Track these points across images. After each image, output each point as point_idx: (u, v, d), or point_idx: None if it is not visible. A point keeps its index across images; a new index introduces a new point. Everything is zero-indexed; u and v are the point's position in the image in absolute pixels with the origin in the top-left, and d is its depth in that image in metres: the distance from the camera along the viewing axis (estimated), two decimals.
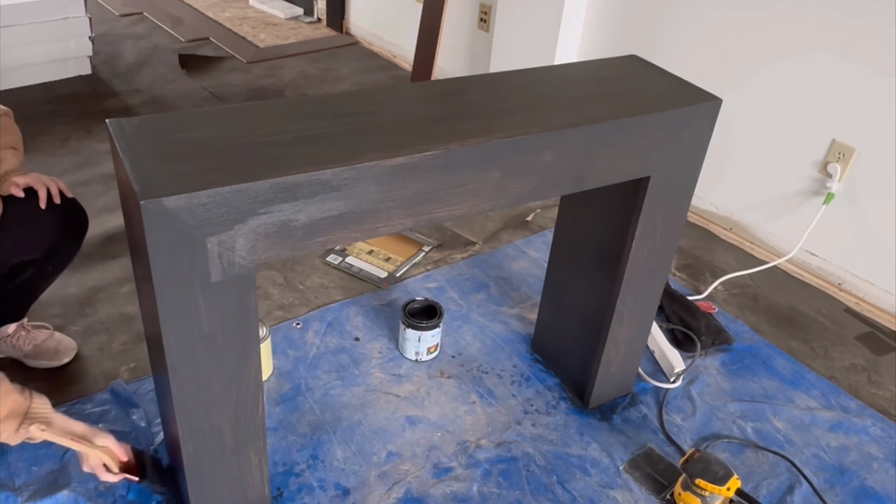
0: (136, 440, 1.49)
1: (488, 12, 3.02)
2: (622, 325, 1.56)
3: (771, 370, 1.85)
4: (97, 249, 2.06)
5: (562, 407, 1.69)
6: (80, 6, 2.98)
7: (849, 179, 2.08)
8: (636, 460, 1.57)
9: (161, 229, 0.93)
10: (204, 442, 1.18)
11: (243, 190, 0.96)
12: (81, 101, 2.94)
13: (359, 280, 2.05)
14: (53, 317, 1.81)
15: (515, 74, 1.37)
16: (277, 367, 1.73)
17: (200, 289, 1.01)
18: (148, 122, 1.07)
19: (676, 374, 1.77)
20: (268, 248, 1.03)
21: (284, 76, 3.37)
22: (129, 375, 1.67)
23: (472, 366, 1.79)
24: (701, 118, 1.34)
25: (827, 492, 1.53)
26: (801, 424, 1.70)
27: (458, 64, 3.28)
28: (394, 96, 1.25)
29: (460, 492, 1.47)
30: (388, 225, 1.12)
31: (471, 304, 1.99)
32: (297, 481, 1.46)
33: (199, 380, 1.10)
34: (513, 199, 1.22)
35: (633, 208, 1.40)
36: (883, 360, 1.94)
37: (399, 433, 1.59)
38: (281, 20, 4.08)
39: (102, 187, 2.36)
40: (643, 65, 1.47)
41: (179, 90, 3.13)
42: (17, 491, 1.38)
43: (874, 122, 1.98)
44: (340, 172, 1.02)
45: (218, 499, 1.28)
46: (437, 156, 1.08)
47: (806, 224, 2.14)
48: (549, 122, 1.19)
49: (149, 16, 3.94)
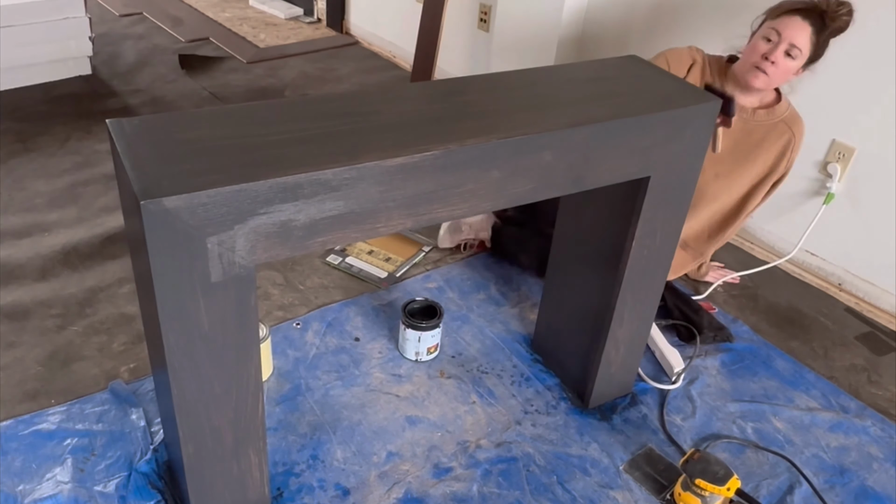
0: (136, 440, 1.49)
1: (488, 12, 3.02)
2: (622, 325, 1.56)
3: (771, 370, 1.85)
4: (97, 249, 2.06)
5: (562, 407, 1.69)
6: (80, 6, 2.97)
7: (849, 179, 2.08)
8: (636, 460, 1.57)
9: (161, 229, 0.93)
10: (204, 442, 1.18)
11: (243, 190, 0.96)
12: (81, 101, 2.94)
13: (359, 280, 2.05)
14: (53, 317, 1.81)
15: (515, 74, 1.37)
16: (277, 367, 1.73)
17: (200, 289, 1.01)
18: (148, 122, 1.07)
19: (677, 374, 1.77)
20: (268, 248, 1.03)
21: (284, 76, 3.37)
22: (129, 375, 1.67)
23: (472, 366, 1.79)
24: (701, 118, 1.34)
25: (827, 492, 1.53)
26: (801, 424, 1.70)
27: (458, 64, 3.28)
28: (394, 96, 1.25)
29: (460, 492, 1.47)
30: (388, 225, 1.12)
31: (471, 304, 1.99)
32: (297, 481, 1.46)
33: (199, 380, 1.10)
34: (513, 199, 1.22)
35: (633, 208, 1.40)
36: (883, 360, 1.94)
37: (399, 433, 1.59)
38: (281, 20, 4.08)
39: (102, 187, 2.36)
40: (643, 65, 1.47)
41: (179, 90, 3.13)
42: (18, 491, 1.38)
43: (874, 122, 1.98)
44: (340, 172, 1.02)
45: (218, 499, 1.28)
46: (437, 156, 1.08)
47: (806, 224, 2.14)
48: (549, 122, 1.19)
49: (149, 16, 3.94)
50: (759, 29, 1.81)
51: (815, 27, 1.73)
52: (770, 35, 1.76)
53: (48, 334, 1.76)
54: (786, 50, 1.74)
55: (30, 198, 2.28)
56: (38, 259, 2.00)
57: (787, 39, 1.73)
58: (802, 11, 1.74)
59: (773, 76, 1.79)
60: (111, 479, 1.42)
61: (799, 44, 1.73)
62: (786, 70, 1.78)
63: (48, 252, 2.03)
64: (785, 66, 1.77)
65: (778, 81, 1.83)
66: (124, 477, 1.42)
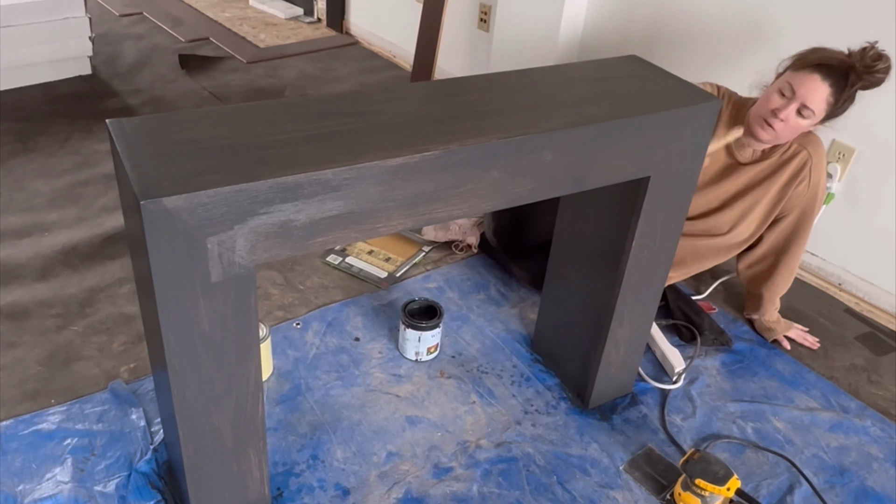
0: (136, 440, 1.49)
1: (488, 12, 3.02)
2: (622, 325, 1.56)
3: (771, 370, 1.85)
4: (97, 249, 2.06)
5: (562, 407, 1.69)
6: (80, 6, 2.97)
7: (849, 179, 2.08)
8: (636, 460, 1.57)
9: (161, 229, 0.93)
10: (204, 442, 1.18)
11: (243, 190, 0.96)
12: (81, 101, 2.94)
13: (359, 280, 2.05)
14: (54, 317, 1.81)
15: (515, 74, 1.37)
16: (277, 367, 1.73)
17: (200, 289, 1.01)
18: (148, 122, 1.07)
19: (678, 374, 1.77)
20: (268, 248, 1.03)
21: (284, 76, 3.37)
22: (129, 375, 1.67)
23: (472, 366, 1.79)
24: (701, 118, 1.34)
25: (827, 492, 1.54)
26: (801, 424, 1.70)
27: (458, 64, 3.28)
28: (394, 96, 1.25)
29: (460, 492, 1.47)
30: (388, 225, 1.12)
31: (471, 304, 1.99)
32: (297, 481, 1.46)
33: (199, 380, 1.10)
34: (513, 199, 1.22)
35: (633, 208, 1.40)
36: (883, 360, 1.94)
37: (399, 433, 1.59)
38: (281, 20, 4.08)
39: (102, 187, 2.36)
40: (643, 65, 1.47)
41: (179, 90, 3.13)
42: (18, 491, 1.38)
43: (874, 123, 1.98)
44: (340, 172, 1.02)
45: (218, 499, 1.28)
46: (437, 156, 1.08)
47: None
48: (549, 122, 1.19)
49: (149, 16, 3.94)
50: (778, 78, 1.69)
51: (836, 87, 1.60)
52: (784, 89, 1.64)
53: (48, 334, 1.76)
54: (797, 109, 1.63)
55: (30, 198, 2.28)
56: (38, 259, 2.00)
57: (800, 99, 1.62)
58: (826, 69, 1.60)
59: (781, 133, 1.67)
60: (111, 479, 1.42)
61: (812, 105, 1.61)
62: (795, 127, 1.67)
63: (48, 252, 2.03)
64: (795, 124, 1.65)
65: (786, 138, 1.71)
66: (124, 477, 1.42)
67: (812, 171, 1.76)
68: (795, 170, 1.77)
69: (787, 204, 1.81)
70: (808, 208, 1.81)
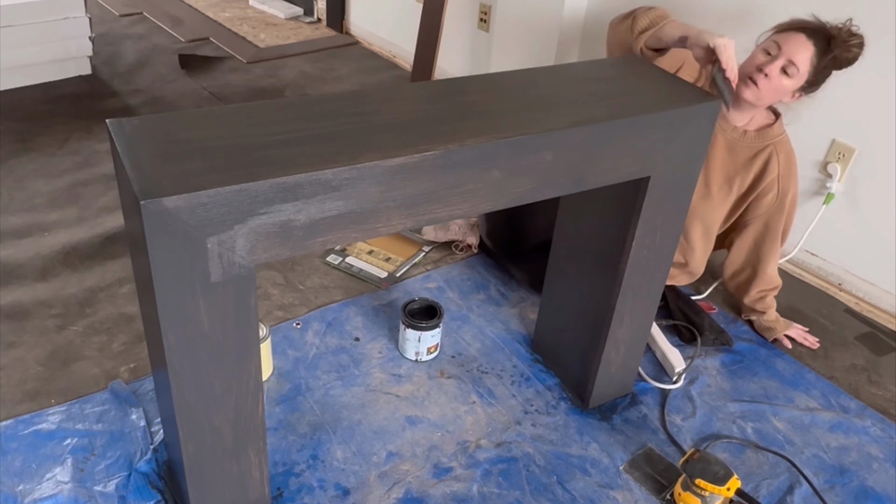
0: (136, 440, 1.49)
1: (488, 12, 3.02)
2: (622, 325, 1.56)
3: (771, 370, 1.85)
4: (97, 249, 2.06)
5: (562, 407, 1.69)
6: (80, 6, 2.98)
7: (849, 179, 2.08)
8: (636, 460, 1.57)
9: (161, 229, 0.93)
10: (204, 442, 1.18)
11: (243, 190, 0.96)
12: (81, 101, 2.94)
13: (359, 280, 2.05)
14: (54, 317, 1.81)
15: (515, 74, 1.37)
16: (277, 367, 1.73)
17: (200, 289, 1.01)
18: (148, 122, 1.07)
19: (678, 374, 1.77)
20: (268, 248, 1.03)
21: (284, 76, 3.37)
22: (129, 375, 1.67)
23: (472, 366, 1.79)
24: (701, 118, 1.34)
25: (827, 492, 1.54)
26: (801, 424, 1.70)
27: (458, 64, 3.28)
28: (394, 96, 1.25)
29: (460, 492, 1.47)
30: (388, 225, 1.12)
31: (471, 304, 1.99)
32: (297, 481, 1.46)
33: (199, 380, 1.10)
34: (513, 199, 1.22)
35: (633, 208, 1.40)
36: (883, 360, 1.94)
37: (399, 433, 1.59)
38: (281, 20, 4.08)
39: (102, 187, 2.36)
40: (643, 65, 1.47)
41: (179, 90, 3.13)
42: (18, 491, 1.38)
43: (874, 122, 1.98)
44: (340, 172, 1.02)
45: (218, 499, 1.28)
46: (437, 156, 1.08)
47: (806, 224, 2.14)
48: (549, 122, 1.19)
49: (149, 16, 3.94)
50: (762, 42, 1.73)
51: (819, 49, 1.64)
52: (770, 48, 1.67)
53: (48, 334, 1.76)
54: (783, 66, 1.65)
55: (30, 198, 2.28)
56: (38, 259, 2.01)
57: (787, 55, 1.64)
58: (809, 31, 1.65)
59: (764, 91, 1.68)
60: (111, 479, 1.42)
61: (798, 61, 1.64)
62: (778, 87, 1.67)
63: (48, 252, 2.03)
64: (778, 83, 1.66)
65: (768, 98, 1.71)
66: (124, 477, 1.42)
67: (780, 181, 1.80)
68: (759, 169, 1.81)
69: (752, 211, 1.87)
70: (772, 221, 1.86)
